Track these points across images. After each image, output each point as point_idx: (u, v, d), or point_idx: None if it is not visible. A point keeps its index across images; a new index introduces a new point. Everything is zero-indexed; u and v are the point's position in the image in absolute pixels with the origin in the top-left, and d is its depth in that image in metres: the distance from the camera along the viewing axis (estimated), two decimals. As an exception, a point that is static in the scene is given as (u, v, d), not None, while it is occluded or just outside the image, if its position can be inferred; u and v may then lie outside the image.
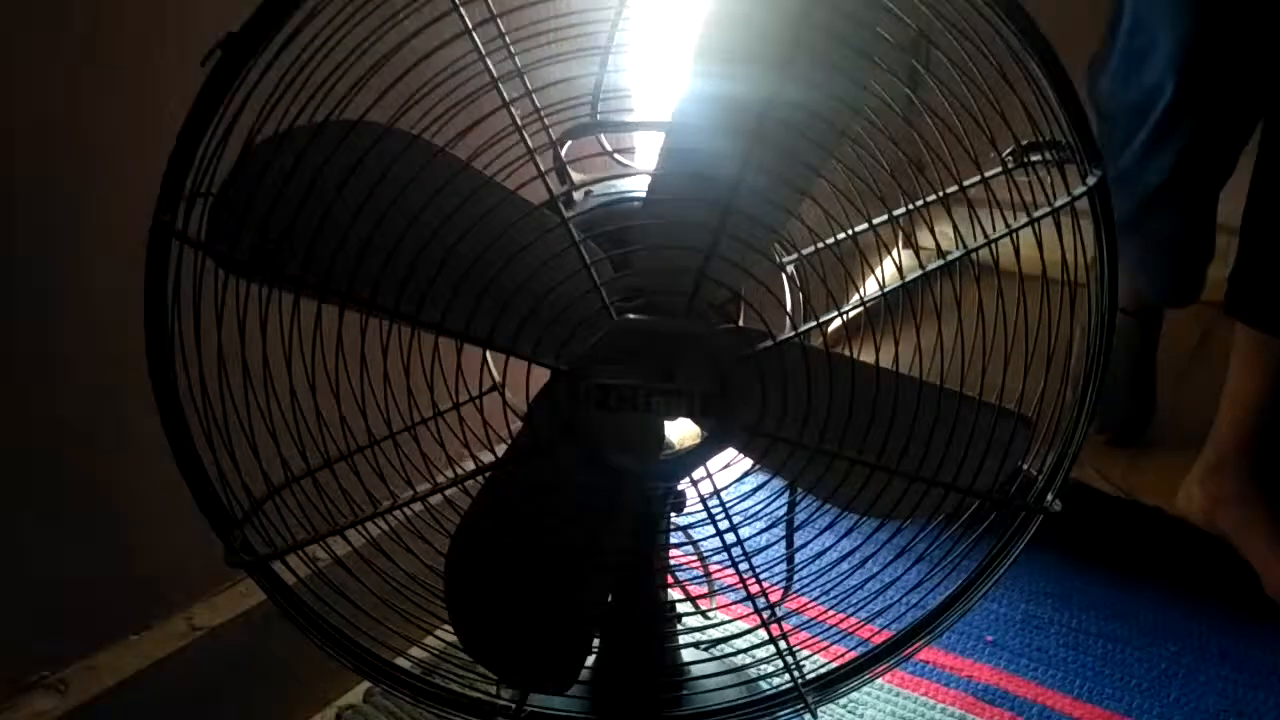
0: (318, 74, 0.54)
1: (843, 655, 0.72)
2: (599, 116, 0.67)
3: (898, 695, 0.90)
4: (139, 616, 0.77)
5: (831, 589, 0.70)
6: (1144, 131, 1.00)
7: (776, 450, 0.63)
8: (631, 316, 0.57)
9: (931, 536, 0.67)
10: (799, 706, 0.71)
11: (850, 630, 0.73)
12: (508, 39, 0.57)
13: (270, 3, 0.53)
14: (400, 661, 0.70)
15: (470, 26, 0.55)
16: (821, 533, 0.68)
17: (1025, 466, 0.67)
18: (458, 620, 0.67)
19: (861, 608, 0.69)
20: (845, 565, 0.71)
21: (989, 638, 0.98)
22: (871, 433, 0.62)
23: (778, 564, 0.73)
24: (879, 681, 0.91)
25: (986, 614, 1.01)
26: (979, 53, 0.55)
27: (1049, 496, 0.67)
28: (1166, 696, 0.90)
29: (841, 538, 0.66)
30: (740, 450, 0.65)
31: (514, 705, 0.69)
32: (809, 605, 0.71)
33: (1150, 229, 1.09)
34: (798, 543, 0.73)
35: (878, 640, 0.72)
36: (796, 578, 0.74)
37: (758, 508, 0.70)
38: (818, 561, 0.70)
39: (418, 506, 0.64)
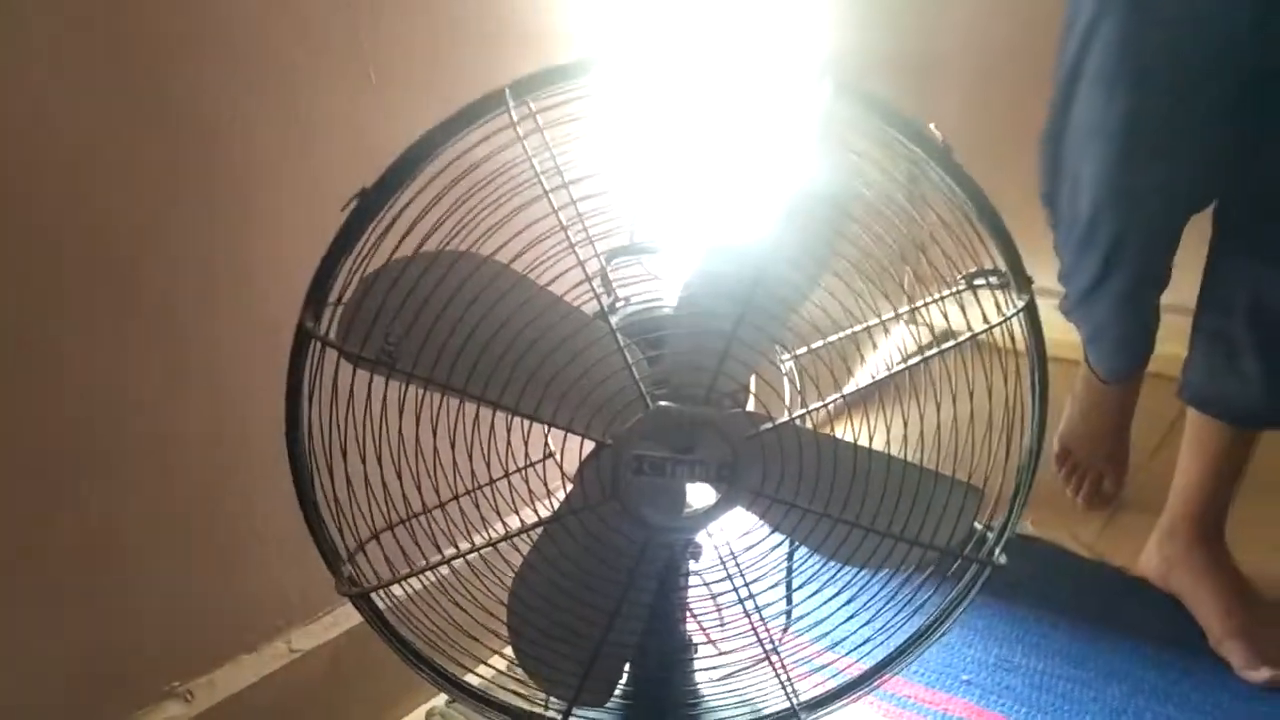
0: (428, 218, 0.72)
1: (828, 683, 0.88)
2: (636, 242, 0.84)
3: (882, 723, 1.05)
4: (248, 639, 0.93)
5: (821, 629, 0.86)
6: (1074, 237, 1.17)
7: (776, 510, 0.79)
8: (663, 404, 0.74)
9: (901, 584, 0.83)
10: (794, 722, 0.86)
11: (835, 663, 0.88)
12: (571, 192, 0.74)
13: (395, 168, 0.70)
14: (470, 678, 0.85)
15: (548, 190, 0.72)
16: (815, 578, 0.84)
17: (979, 526, 0.83)
18: (517, 643, 0.82)
19: (845, 643, 0.85)
20: (832, 609, 0.87)
21: (965, 677, 1.12)
22: (851, 497, 0.78)
23: (778, 605, 0.89)
24: (867, 712, 1.06)
25: (964, 657, 1.15)
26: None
27: (997, 552, 0.82)
28: (1117, 729, 1.05)
29: (835, 589, 0.82)
30: (746, 509, 0.81)
31: (561, 716, 0.85)
32: (804, 643, 0.86)
33: (1090, 317, 1.26)
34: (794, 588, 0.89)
35: (859, 669, 0.87)
36: (793, 620, 0.89)
37: (763, 561, 0.86)
38: (811, 606, 0.86)
39: (488, 551, 0.80)
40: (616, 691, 0.87)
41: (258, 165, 0.87)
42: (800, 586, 0.87)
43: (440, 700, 1.06)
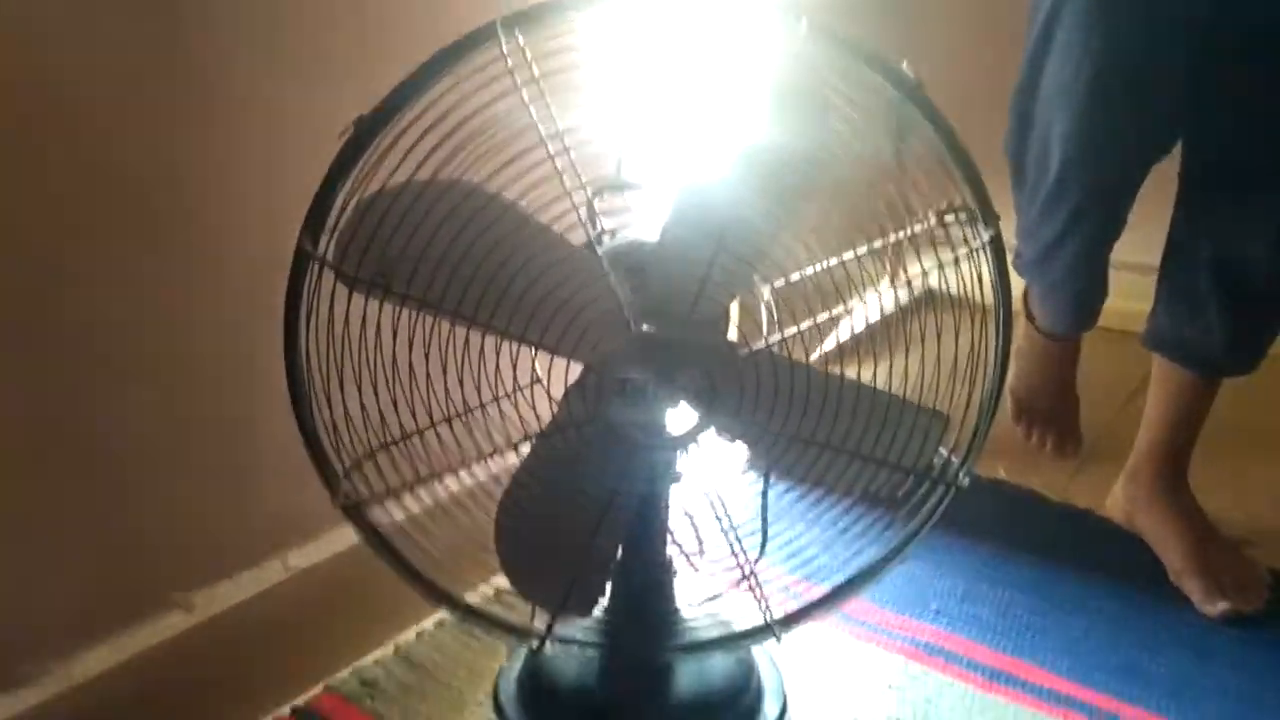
0: (422, 145, 0.75)
1: (801, 602, 0.92)
2: (623, 176, 0.87)
3: (853, 645, 1.10)
4: (248, 555, 0.97)
5: (792, 549, 0.90)
6: (1040, 196, 1.21)
7: (752, 432, 0.83)
8: (645, 329, 0.78)
9: (869, 508, 0.87)
10: (769, 637, 0.91)
11: (808, 591, 0.92)
12: (560, 124, 0.77)
13: (391, 97, 0.74)
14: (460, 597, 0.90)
15: (537, 122, 0.75)
16: (790, 506, 0.89)
17: (944, 451, 0.87)
18: (504, 559, 0.87)
19: (817, 563, 0.89)
20: (804, 531, 0.91)
21: (934, 606, 1.17)
22: (824, 420, 0.82)
23: (754, 533, 0.93)
24: (837, 635, 1.11)
25: (933, 588, 1.20)
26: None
27: (961, 475, 0.87)
28: (1078, 654, 1.09)
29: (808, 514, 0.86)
30: (723, 432, 0.85)
31: (545, 628, 0.89)
32: (778, 568, 0.91)
33: (1047, 274, 1.30)
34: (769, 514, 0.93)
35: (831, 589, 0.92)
36: (768, 543, 0.94)
37: (740, 489, 0.90)
38: (784, 529, 0.90)
39: (478, 469, 0.85)
40: (599, 609, 0.92)
41: (262, 96, 0.90)
42: (775, 514, 0.92)
43: (429, 623, 1.11)
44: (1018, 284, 1.25)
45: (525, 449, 0.85)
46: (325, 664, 1.03)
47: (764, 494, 0.93)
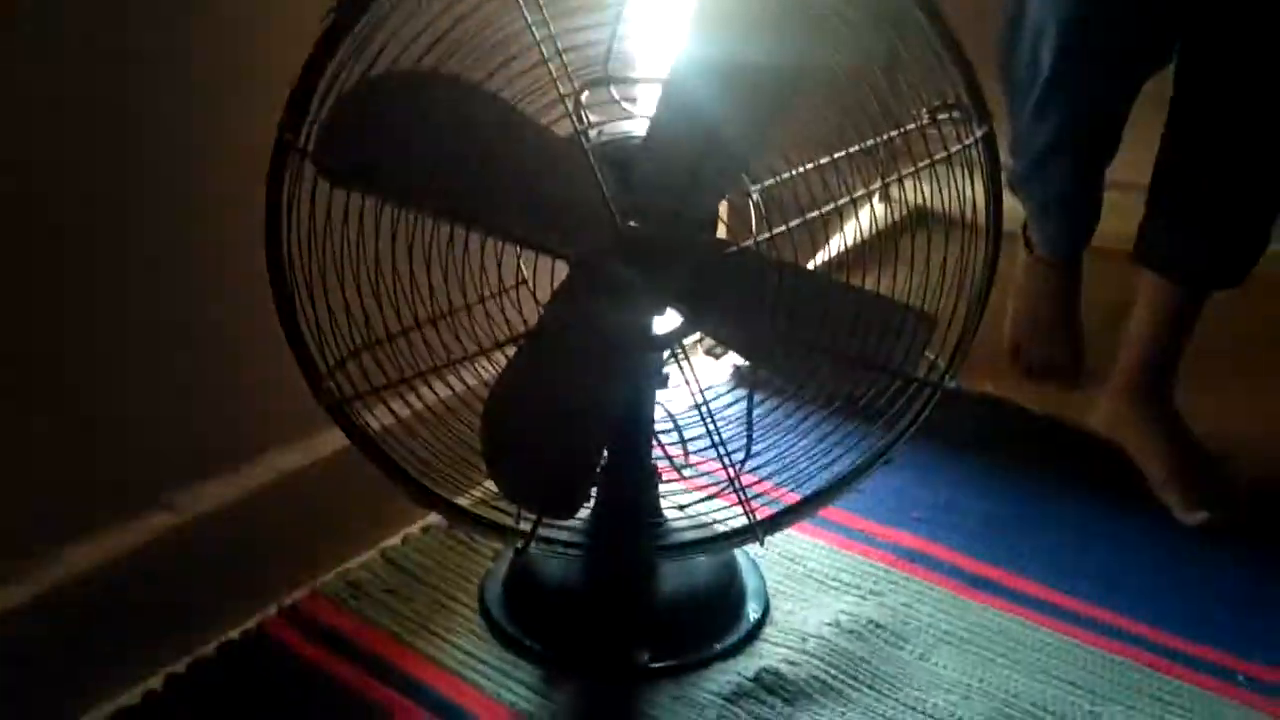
0: (405, 31, 0.73)
1: (784, 505, 0.93)
2: (610, 72, 0.85)
3: (835, 553, 1.11)
4: (232, 457, 0.97)
5: (779, 460, 0.91)
6: (1031, 101, 1.19)
7: (738, 334, 0.83)
8: (632, 224, 0.77)
9: (855, 420, 0.87)
10: (753, 539, 0.91)
11: (788, 496, 0.93)
12: (545, 13, 0.75)
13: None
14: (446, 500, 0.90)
15: (523, 7, 0.73)
16: (776, 411, 0.89)
17: (931, 355, 0.87)
18: (490, 460, 0.87)
19: (801, 464, 0.90)
20: (790, 442, 0.91)
21: (915, 514, 1.18)
22: (811, 320, 0.82)
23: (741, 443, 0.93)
24: (820, 543, 1.12)
25: (915, 498, 1.21)
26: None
27: (948, 377, 0.87)
28: (1059, 562, 1.11)
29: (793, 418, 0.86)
30: (711, 333, 0.85)
31: (530, 529, 0.89)
32: (762, 475, 0.91)
33: (1040, 188, 1.29)
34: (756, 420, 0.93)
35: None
36: (753, 446, 0.94)
37: (727, 394, 0.90)
38: (770, 434, 0.90)
39: (463, 370, 0.84)
40: (584, 511, 0.92)
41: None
42: (760, 425, 0.92)
43: (415, 527, 1.11)
44: (1015, 210, 1.24)
45: (511, 351, 0.84)
46: (312, 567, 1.03)
47: (749, 397, 0.93)
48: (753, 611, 1.00)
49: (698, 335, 0.93)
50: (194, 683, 0.90)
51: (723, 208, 0.86)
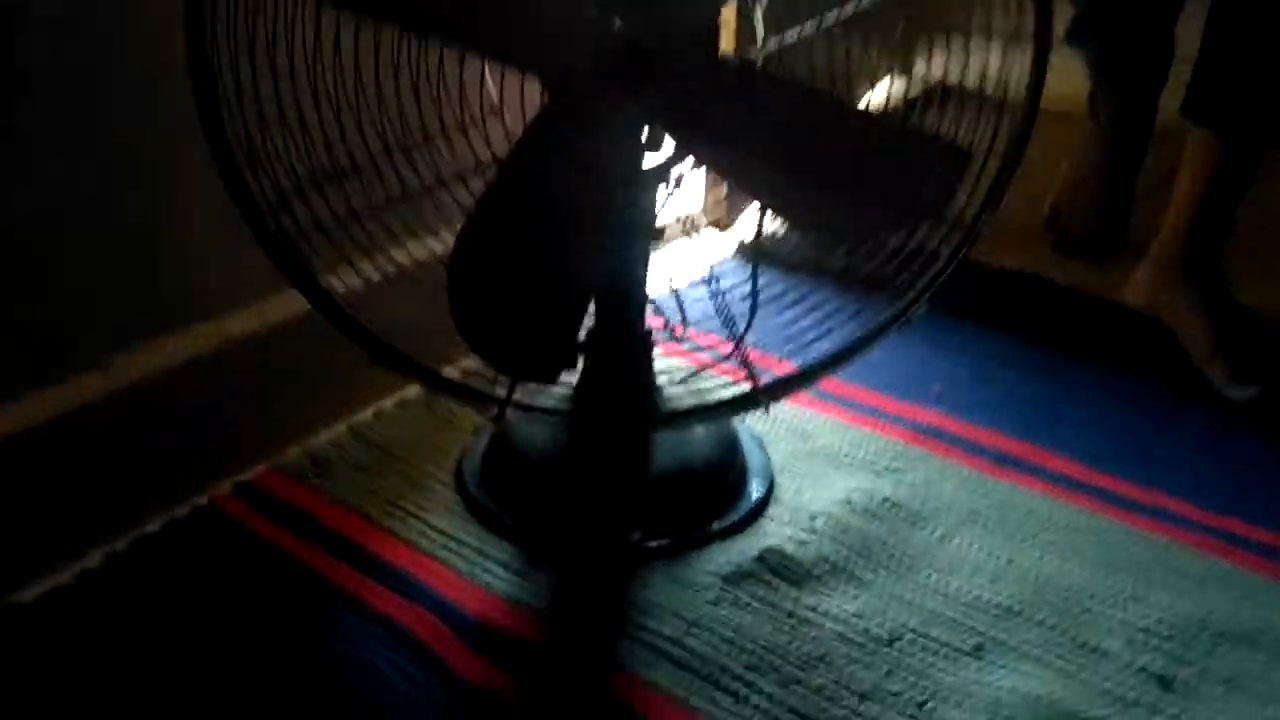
0: None
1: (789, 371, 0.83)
2: None
3: (846, 429, 1.01)
4: (173, 319, 0.87)
5: (785, 326, 0.80)
6: None
7: (741, 165, 0.72)
8: (618, 25, 0.65)
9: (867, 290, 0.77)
10: (756, 407, 0.82)
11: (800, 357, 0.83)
12: None
13: None
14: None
15: None
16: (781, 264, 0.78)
17: (963, 197, 0.76)
18: (458, 313, 0.76)
19: (810, 342, 0.80)
20: (797, 310, 0.81)
21: (936, 389, 1.08)
22: (827, 153, 0.71)
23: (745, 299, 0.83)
24: (830, 418, 1.02)
25: (934, 371, 1.11)
26: None
27: (981, 220, 0.76)
28: (1092, 439, 1.01)
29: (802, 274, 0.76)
30: (710, 164, 0.74)
31: (506, 393, 0.80)
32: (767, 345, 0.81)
33: (1102, 28, 1.16)
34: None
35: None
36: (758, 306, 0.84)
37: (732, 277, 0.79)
38: (777, 304, 0.80)
39: (433, 243, 0.73)
40: (571, 379, 0.82)
41: None
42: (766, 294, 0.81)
43: (388, 402, 1.02)
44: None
45: (479, 186, 0.73)
46: (272, 443, 0.94)
47: (754, 262, 0.82)
48: (756, 489, 0.91)
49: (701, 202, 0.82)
50: (136, 561, 0.81)
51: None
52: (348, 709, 0.71)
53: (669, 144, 0.72)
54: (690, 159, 0.71)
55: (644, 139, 0.71)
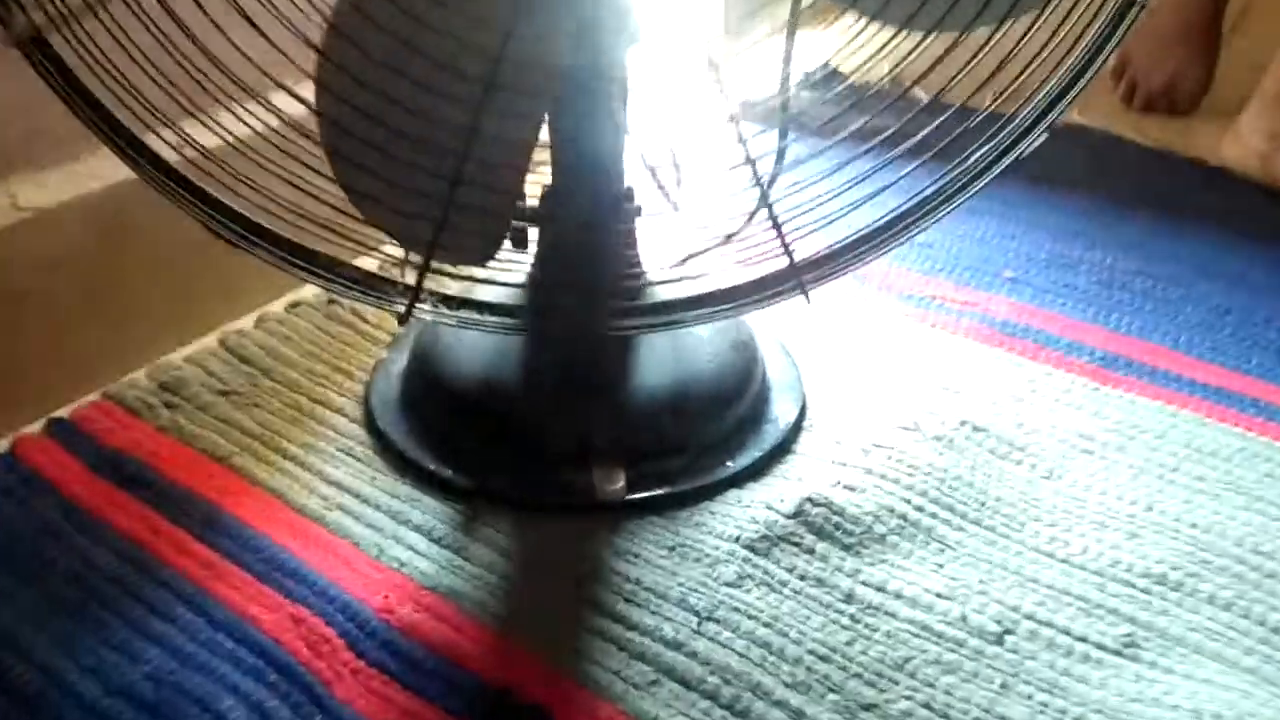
0: None
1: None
2: None
3: (897, 328, 0.75)
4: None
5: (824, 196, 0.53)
6: None
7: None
8: None
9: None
10: (792, 292, 0.55)
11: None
12: None
13: None
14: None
15: None
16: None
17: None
18: (332, 150, 0.50)
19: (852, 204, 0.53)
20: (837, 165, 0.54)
21: (1009, 273, 0.82)
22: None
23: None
24: (875, 315, 0.76)
25: (1005, 252, 0.85)
26: None
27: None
28: (1220, 331, 0.76)
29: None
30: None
31: (417, 276, 0.53)
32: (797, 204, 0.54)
33: None
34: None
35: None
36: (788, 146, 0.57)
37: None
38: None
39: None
40: (518, 264, 0.56)
41: None
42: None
43: (276, 305, 0.75)
44: None
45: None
46: (103, 362, 0.67)
47: (786, 57, 0.55)
48: (783, 413, 0.65)
49: None
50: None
51: None
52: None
53: None
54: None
55: None
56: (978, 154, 0.53)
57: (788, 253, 0.52)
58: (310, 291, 0.76)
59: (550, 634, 0.52)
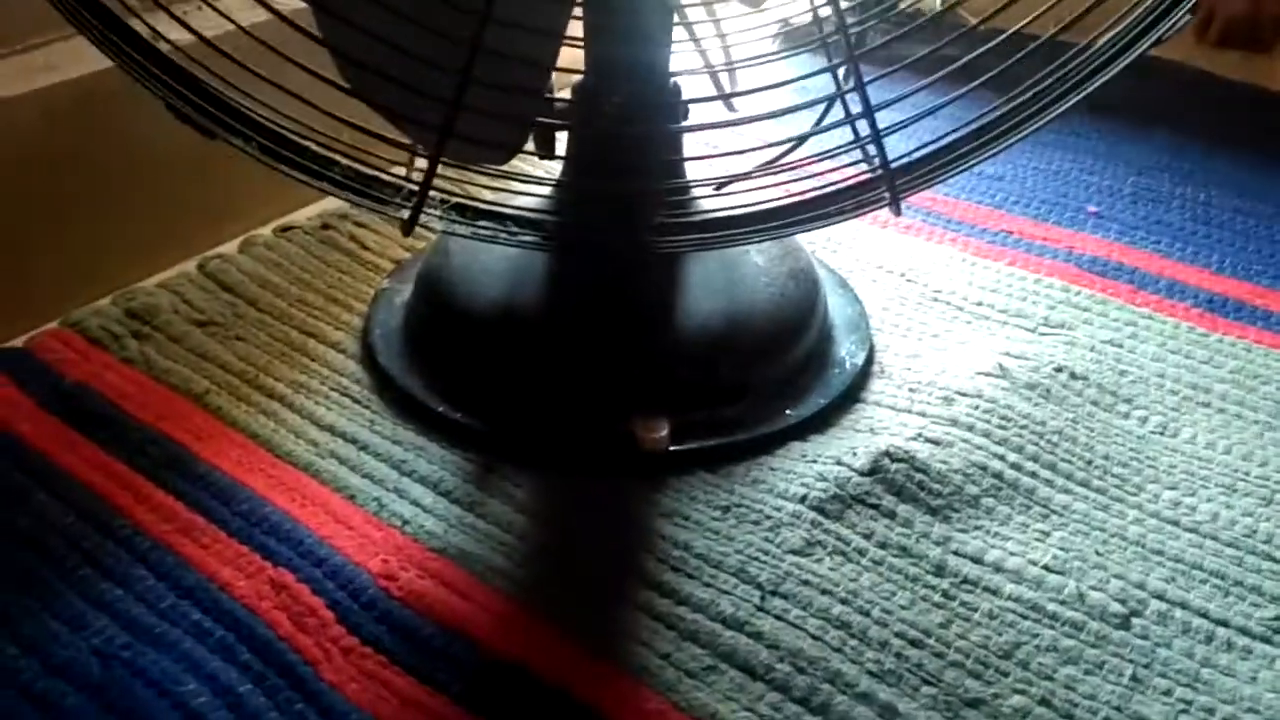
0: None
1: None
2: None
3: (973, 266, 0.66)
4: None
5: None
6: None
7: None
8: None
9: None
10: (879, 202, 0.46)
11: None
12: None
13: None
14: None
15: None
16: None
17: None
18: (323, 21, 0.40)
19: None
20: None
21: (1092, 209, 0.73)
22: None
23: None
24: (951, 250, 0.67)
25: (1087, 186, 0.75)
26: None
27: None
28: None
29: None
30: None
31: (423, 178, 0.43)
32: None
33: None
34: None
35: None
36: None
37: None
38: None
39: None
40: (548, 172, 0.46)
41: None
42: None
43: (264, 229, 0.66)
44: None
45: None
46: (64, 287, 0.58)
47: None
48: (850, 355, 0.57)
49: None
50: None
51: None
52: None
53: None
54: None
55: None
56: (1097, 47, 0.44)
57: (881, 150, 0.43)
58: (303, 215, 0.67)
59: (581, 608, 0.43)
